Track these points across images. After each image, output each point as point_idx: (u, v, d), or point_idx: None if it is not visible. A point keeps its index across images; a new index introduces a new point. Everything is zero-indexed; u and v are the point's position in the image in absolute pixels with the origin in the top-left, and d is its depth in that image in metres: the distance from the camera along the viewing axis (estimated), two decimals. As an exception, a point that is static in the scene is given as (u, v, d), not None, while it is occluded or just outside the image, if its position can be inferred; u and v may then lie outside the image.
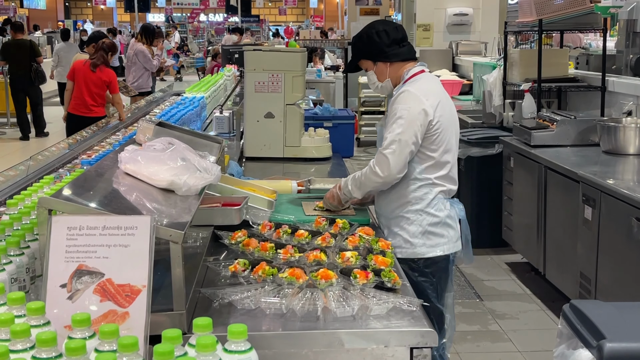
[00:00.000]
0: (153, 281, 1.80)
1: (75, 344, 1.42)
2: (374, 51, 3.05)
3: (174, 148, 2.44)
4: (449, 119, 2.98)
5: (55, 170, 3.58)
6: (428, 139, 2.91)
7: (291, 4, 32.76)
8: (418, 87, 2.95)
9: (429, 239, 2.97)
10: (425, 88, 2.96)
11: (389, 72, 3.06)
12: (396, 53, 3.04)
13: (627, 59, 6.59)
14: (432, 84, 3.03)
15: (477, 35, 9.51)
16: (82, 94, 7.59)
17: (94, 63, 7.58)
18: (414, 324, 2.06)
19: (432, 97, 2.92)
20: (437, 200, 2.97)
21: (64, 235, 1.81)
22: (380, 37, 3.03)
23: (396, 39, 3.04)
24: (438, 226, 2.98)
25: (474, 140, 6.16)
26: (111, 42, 7.99)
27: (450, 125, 2.99)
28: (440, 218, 2.97)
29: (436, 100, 2.92)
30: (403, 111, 2.88)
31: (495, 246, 6.11)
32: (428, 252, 2.97)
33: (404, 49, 3.06)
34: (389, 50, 3.03)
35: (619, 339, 1.83)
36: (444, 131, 2.93)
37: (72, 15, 40.34)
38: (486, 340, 4.54)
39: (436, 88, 3.03)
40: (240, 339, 1.52)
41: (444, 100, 2.98)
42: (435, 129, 2.90)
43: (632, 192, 3.83)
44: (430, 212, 2.96)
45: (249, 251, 2.47)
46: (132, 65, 10.41)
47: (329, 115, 5.59)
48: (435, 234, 2.97)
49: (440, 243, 2.99)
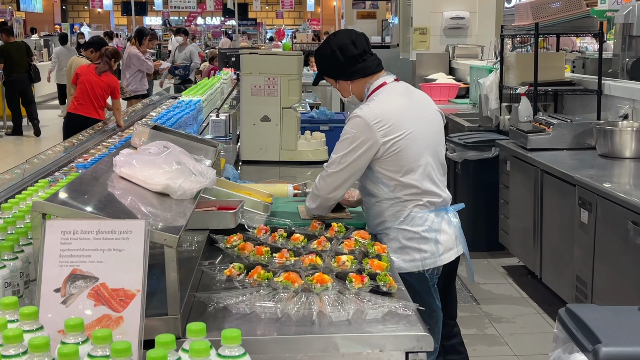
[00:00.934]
0: (148, 285, 1.79)
1: (68, 349, 1.41)
2: (333, 70, 2.99)
3: (169, 152, 2.44)
4: (414, 135, 2.82)
5: (51, 174, 3.58)
6: (384, 161, 2.82)
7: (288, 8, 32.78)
8: (372, 109, 2.81)
9: (408, 254, 2.88)
10: (381, 109, 2.81)
11: (352, 89, 3.00)
12: (355, 70, 2.94)
13: (624, 62, 6.62)
14: (391, 101, 2.86)
15: (473, 39, 9.51)
16: (85, 95, 7.60)
17: (100, 68, 7.62)
18: (409, 328, 2.05)
19: (386, 120, 2.78)
20: (412, 216, 2.88)
21: (58, 239, 1.81)
22: (336, 56, 2.93)
23: (354, 56, 2.92)
24: (415, 241, 2.88)
25: (471, 143, 6.16)
26: (114, 48, 8.04)
27: (416, 140, 2.82)
28: (416, 233, 2.87)
29: (390, 122, 2.78)
30: (350, 133, 2.81)
31: (491, 249, 6.10)
32: (408, 268, 2.87)
33: (363, 64, 2.94)
34: (347, 68, 2.94)
35: (614, 343, 1.82)
36: (404, 150, 2.80)
37: (69, 18, 40.31)
38: (482, 344, 4.54)
39: (395, 105, 2.86)
40: (234, 344, 1.52)
41: (405, 117, 2.83)
42: (393, 150, 2.79)
43: (628, 196, 3.83)
44: (405, 228, 2.88)
45: (245, 255, 2.47)
46: (127, 68, 10.59)
47: (326, 119, 5.59)
48: (413, 248, 2.88)
49: (419, 258, 2.89)
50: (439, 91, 8.37)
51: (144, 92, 10.54)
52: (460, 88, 8.62)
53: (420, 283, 2.88)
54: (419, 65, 9.35)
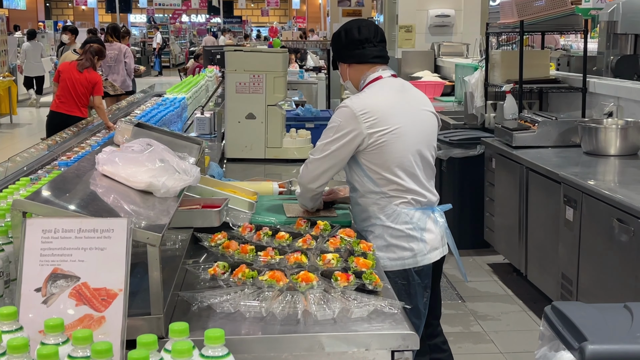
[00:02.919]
0: (130, 285, 1.77)
1: (47, 350, 1.39)
2: (335, 51, 3.04)
3: (153, 149, 2.41)
4: (401, 131, 2.80)
5: (34, 172, 3.54)
6: (369, 154, 2.81)
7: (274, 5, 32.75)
8: (360, 100, 2.83)
9: (393, 252, 2.86)
10: (369, 102, 2.82)
11: (348, 74, 3.01)
12: (351, 55, 2.96)
13: (608, 60, 6.64)
14: (382, 94, 2.87)
15: (459, 37, 9.52)
16: (67, 93, 7.55)
17: (82, 64, 7.58)
18: (395, 327, 2.04)
19: (373, 112, 2.78)
20: (397, 213, 2.85)
21: (39, 238, 1.78)
22: (340, 37, 2.99)
23: (354, 40, 2.93)
24: (400, 239, 2.85)
25: (456, 141, 6.16)
26: (99, 47, 7.96)
27: (402, 137, 2.81)
28: (402, 231, 2.85)
29: (377, 115, 2.78)
30: (336, 123, 2.82)
31: (476, 247, 6.11)
32: (392, 266, 2.85)
33: (361, 51, 2.93)
34: (345, 51, 2.97)
35: (600, 340, 1.82)
36: (389, 146, 2.79)
37: (53, 15, 40.05)
38: (468, 341, 4.54)
39: (385, 99, 2.86)
40: (217, 344, 1.50)
41: (393, 112, 2.82)
42: (378, 143, 2.78)
43: (613, 193, 3.84)
44: (390, 226, 2.85)
45: (229, 253, 2.44)
46: (119, 64, 10.40)
47: (311, 117, 5.57)
48: (398, 247, 2.86)
49: (405, 256, 2.86)
50: (424, 89, 8.29)
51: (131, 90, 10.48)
52: (446, 86, 8.62)
53: (405, 281, 2.87)
54: (404, 63, 9.35)
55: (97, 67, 7.83)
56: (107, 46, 10.05)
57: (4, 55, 15.99)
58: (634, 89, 5.21)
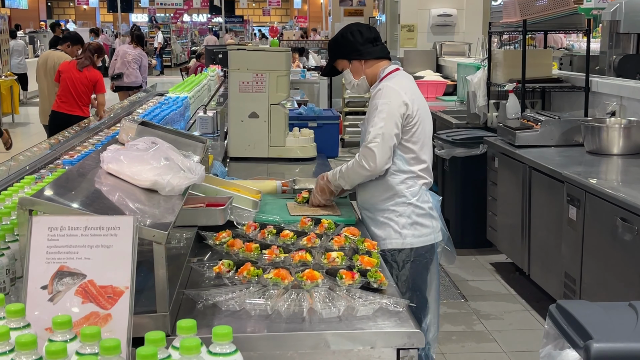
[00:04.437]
0: (136, 282, 1.77)
1: (55, 347, 1.39)
2: (348, 50, 3.17)
3: (157, 147, 2.41)
4: (425, 114, 3.10)
5: (37, 171, 3.54)
6: (408, 131, 3.02)
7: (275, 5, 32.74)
8: (395, 82, 3.06)
9: (417, 230, 3.08)
10: (401, 83, 3.06)
11: (364, 70, 3.17)
12: (369, 51, 3.15)
13: (611, 59, 6.64)
14: (407, 81, 3.13)
15: (461, 36, 9.53)
16: (68, 93, 7.55)
17: (82, 63, 7.60)
18: (400, 325, 2.04)
19: (410, 92, 3.04)
20: (421, 192, 3.08)
21: (45, 235, 1.78)
22: (354, 36, 3.15)
23: (369, 38, 3.16)
24: (424, 217, 3.09)
25: (458, 140, 6.16)
26: (98, 44, 7.99)
27: (426, 120, 3.10)
28: (425, 209, 3.09)
29: (413, 95, 3.05)
30: (384, 105, 2.98)
31: (479, 246, 6.11)
32: (417, 242, 3.08)
33: (377, 48, 3.17)
34: (362, 48, 3.14)
35: (605, 339, 1.82)
36: (422, 124, 3.05)
37: (55, 15, 40.08)
38: (471, 340, 4.54)
39: (411, 85, 3.13)
40: (225, 341, 1.50)
41: (419, 96, 3.11)
42: (415, 122, 3.02)
43: (616, 192, 3.84)
44: (416, 204, 3.07)
45: (234, 252, 2.45)
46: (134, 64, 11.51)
47: (314, 116, 5.56)
48: (422, 224, 3.09)
49: (427, 233, 3.09)
50: (426, 88, 8.37)
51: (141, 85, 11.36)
52: (448, 85, 8.62)
53: (430, 256, 3.11)
54: (406, 63, 9.35)
55: (97, 64, 7.82)
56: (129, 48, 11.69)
57: (6, 54, 15.98)
58: (636, 88, 5.21)
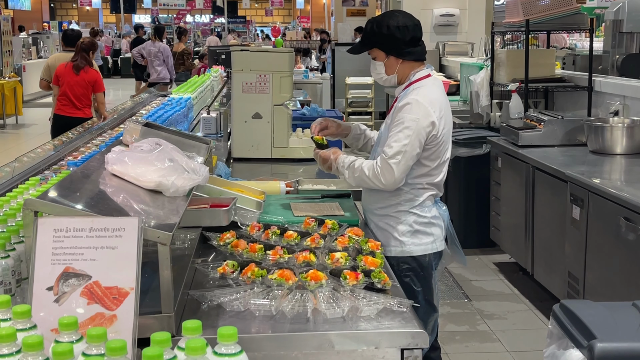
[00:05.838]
0: (141, 283, 1.77)
1: (62, 348, 1.40)
2: (391, 45, 3.00)
3: (162, 149, 2.42)
4: (449, 130, 3.00)
5: (41, 172, 3.55)
6: (428, 149, 2.92)
7: (277, 5, 32.73)
8: (425, 95, 2.92)
9: (418, 238, 3.02)
10: (432, 98, 2.93)
11: (399, 69, 3.03)
12: (411, 52, 3.01)
13: (614, 59, 6.63)
14: (437, 92, 2.99)
15: (463, 36, 9.52)
16: (67, 96, 7.54)
17: (77, 66, 7.49)
18: (404, 325, 2.05)
19: (438, 109, 2.91)
20: (426, 202, 3.02)
21: (50, 237, 1.79)
22: (402, 33, 2.98)
23: (414, 38, 3.01)
24: (425, 225, 3.03)
25: (462, 140, 6.16)
26: (90, 40, 7.88)
27: (448, 140, 3.01)
28: (427, 218, 3.03)
29: (441, 112, 2.92)
30: (411, 122, 2.86)
31: (483, 246, 6.11)
32: (417, 251, 3.02)
33: (418, 49, 3.03)
34: (405, 47, 2.99)
35: (609, 338, 1.82)
36: (445, 144, 2.97)
37: (58, 16, 40.11)
38: (475, 340, 4.54)
39: (440, 96, 3.00)
40: (230, 341, 1.50)
41: (445, 109, 2.98)
42: (438, 142, 2.93)
43: (619, 192, 3.84)
44: (417, 213, 3.01)
45: (238, 252, 2.45)
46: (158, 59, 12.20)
47: (317, 116, 5.56)
48: (423, 232, 3.03)
49: (428, 242, 3.04)
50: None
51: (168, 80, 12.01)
52: (451, 85, 8.61)
53: (429, 265, 3.04)
54: (409, 63, 9.34)
55: (92, 61, 7.72)
56: (150, 44, 12.37)
57: (9, 55, 16.01)
58: (639, 87, 5.21)
